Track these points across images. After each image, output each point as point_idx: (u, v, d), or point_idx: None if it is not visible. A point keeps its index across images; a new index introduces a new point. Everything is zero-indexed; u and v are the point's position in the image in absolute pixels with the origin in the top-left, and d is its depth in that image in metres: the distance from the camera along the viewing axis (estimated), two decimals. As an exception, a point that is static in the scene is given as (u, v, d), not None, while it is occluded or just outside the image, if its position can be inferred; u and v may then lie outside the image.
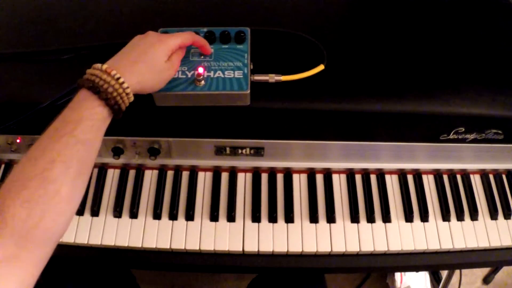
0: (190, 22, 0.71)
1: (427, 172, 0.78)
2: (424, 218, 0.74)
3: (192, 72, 0.64)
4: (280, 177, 0.76)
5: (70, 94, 0.61)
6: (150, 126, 0.70)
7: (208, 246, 0.70)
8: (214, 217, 0.72)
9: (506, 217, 0.76)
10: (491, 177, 0.80)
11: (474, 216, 0.75)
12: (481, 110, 0.69)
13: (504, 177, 0.80)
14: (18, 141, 0.70)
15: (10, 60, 0.72)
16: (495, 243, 0.73)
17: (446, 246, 0.72)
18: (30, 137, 0.70)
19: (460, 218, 0.75)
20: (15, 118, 0.66)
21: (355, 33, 0.80)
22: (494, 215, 0.76)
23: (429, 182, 0.78)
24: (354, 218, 0.73)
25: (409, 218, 0.74)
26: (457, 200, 0.76)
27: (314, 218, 0.72)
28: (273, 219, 0.72)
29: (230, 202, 0.73)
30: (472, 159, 0.77)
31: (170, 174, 0.76)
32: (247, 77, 0.64)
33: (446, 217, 0.74)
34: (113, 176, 0.76)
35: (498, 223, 0.75)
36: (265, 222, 0.72)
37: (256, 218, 0.72)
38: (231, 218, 0.72)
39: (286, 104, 0.68)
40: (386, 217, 0.73)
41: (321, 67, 0.69)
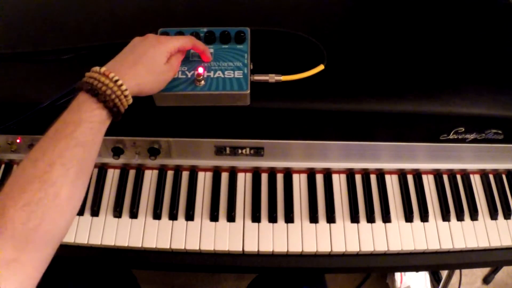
0: (190, 22, 0.71)
1: (427, 172, 0.78)
2: (424, 218, 0.74)
3: (192, 72, 0.64)
4: (280, 177, 0.76)
5: (70, 94, 0.61)
6: (150, 126, 0.70)
7: (208, 246, 0.70)
8: (214, 217, 0.72)
9: (506, 217, 0.76)
10: (491, 177, 0.80)
11: (474, 216, 0.75)
12: (481, 110, 0.69)
13: (504, 177, 0.80)
14: (18, 141, 0.70)
15: (10, 60, 0.72)
16: (495, 243, 0.73)
17: (446, 246, 0.72)
18: (30, 137, 0.70)
19: (460, 218, 0.75)
20: (15, 118, 0.66)
21: (355, 33, 0.80)
22: (494, 215, 0.76)
23: (429, 182, 0.78)
24: (354, 218, 0.73)
25: (409, 218, 0.74)
26: (457, 200, 0.76)
27: (314, 218, 0.72)
28: (273, 219, 0.72)
29: (230, 202, 0.73)
30: (472, 159, 0.77)
31: (170, 174, 0.76)
32: (247, 77, 0.64)
33: (446, 217, 0.74)
34: (113, 176, 0.76)
35: (498, 223, 0.75)
36: (265, 222, 0.72)
37: (256, 218, 0.72)
38: (231, 218, 0.72)
39: (286, 104, 0.68)
40: (386, 217, 0.73)
41: (321, 67, 0.69)
